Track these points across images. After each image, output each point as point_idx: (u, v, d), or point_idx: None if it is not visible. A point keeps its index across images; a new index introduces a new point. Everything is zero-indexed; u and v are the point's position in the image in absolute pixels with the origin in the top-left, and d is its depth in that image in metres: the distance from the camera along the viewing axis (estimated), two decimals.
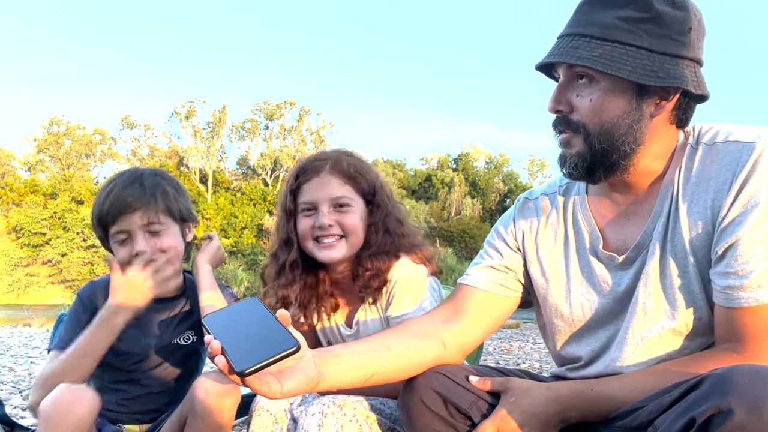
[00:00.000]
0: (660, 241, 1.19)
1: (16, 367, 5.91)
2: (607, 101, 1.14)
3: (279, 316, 1.02)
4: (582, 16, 1.17)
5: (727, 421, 0.83)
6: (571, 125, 1.19)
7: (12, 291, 41.18)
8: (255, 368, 0.94)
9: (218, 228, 46.03)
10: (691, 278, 1.16)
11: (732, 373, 0.87)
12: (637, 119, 1.15)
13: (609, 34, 1.12)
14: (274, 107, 53.43)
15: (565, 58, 1.14)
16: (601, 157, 1.18)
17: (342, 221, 1.61)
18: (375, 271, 1.60)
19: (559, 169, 1.27)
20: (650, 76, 1.10)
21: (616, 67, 1.10)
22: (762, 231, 1.05)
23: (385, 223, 1.66)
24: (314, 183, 1.63)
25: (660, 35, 1.11)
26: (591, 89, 1.16)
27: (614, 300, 1.26)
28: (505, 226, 1.44)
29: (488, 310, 1.38)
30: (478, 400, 1.24)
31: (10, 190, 43.64)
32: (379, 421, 1.45)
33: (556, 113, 1.21)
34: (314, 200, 1.62)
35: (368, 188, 1.67)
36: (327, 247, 1.61)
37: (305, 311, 1.70)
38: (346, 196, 1.63)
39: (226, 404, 1.49)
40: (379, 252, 1.62)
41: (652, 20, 1.11)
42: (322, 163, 1.65)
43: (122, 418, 1.76)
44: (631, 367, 1.20)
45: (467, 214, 50.02)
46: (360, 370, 1.20)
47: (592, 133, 1.17)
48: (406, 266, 1.62)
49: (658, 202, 1.21)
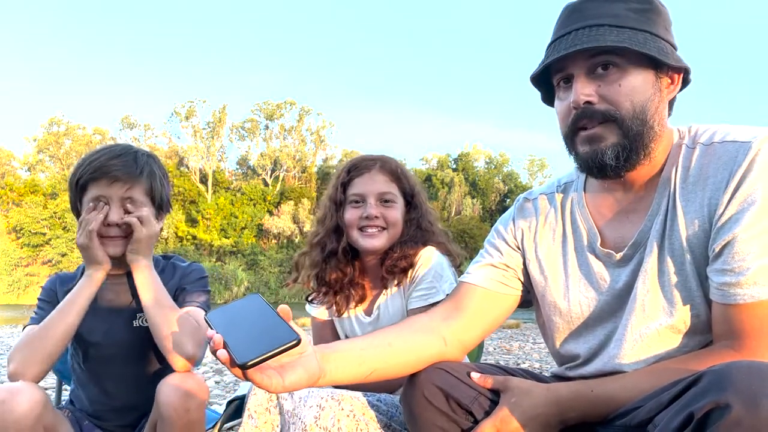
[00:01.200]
0: (658, 238, 1.20)
1: None
2: (636, 84, 1.17)
3: (280, 311, 1.04)
4: (590, 11, 1.19)
5: (724, 416, 0.83)
6: (599, 115, 1.18)
7: (12, 291, 41.24)
8: (256, 361, 0.96)
9: (218, 228, 46.11)
10: (689, 276, 1.16)
11: (730, 369, 0.88)
12: (659, 100, 1.19)
13: (625, 21, 1.17)
14: (274, 107, 53.51)
15: (596, 42, 1.14)
16: (637, 141, 1.18)
17: (386, 214, 1.78)
18: (403, 253, 1.74)
19: (583, 169, 1.24)
20: (669, 57, 1.16)
21: (647, 47, 1.14)
22: (758, 228, 1.06)
23: (418, 221, 1.83)
24: (365, 178, 1.81)
25: (659, 24, 1.19)
26: (616, 75, 1.17)
27: (612, 297, 1.27)
28: (505, 225, 1.46)
29: (488, 308, 1.39)
30: (480, 395, 1.24)
31: (10, 190, 43.72)
32: (376, 417, 1.47)
33: (585, 105, 1.18)
34: (363, 193, 1.79)
35: (409, 190, 1.85)
36: (370, 236, 1.77)
37: (337, 296, 1.84)
38: (391, 192, 1.80)
39: (192, 405, 1.47)
40: (409, 240, 1.78)
41: (653, 10, 1.19)
42: (373, 162, 1.83)
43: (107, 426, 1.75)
44: (630, 365, 1.21)
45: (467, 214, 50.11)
46: (361, 365, 1.21)
47: (626, 117, 1.16)
48: (431, 251, 1.76)
49: (656, 200, 1.22)
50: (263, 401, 1.52)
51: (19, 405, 1.38)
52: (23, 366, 1.52)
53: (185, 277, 1.78)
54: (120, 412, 1.75)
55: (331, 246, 1.82)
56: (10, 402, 1.38)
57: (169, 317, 1.57)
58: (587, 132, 1.19)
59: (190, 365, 1.56)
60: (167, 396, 1.46)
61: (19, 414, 1.37)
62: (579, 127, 1.20)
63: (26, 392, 1.41)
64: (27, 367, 1.52)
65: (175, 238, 44.21)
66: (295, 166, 53.09)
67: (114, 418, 1.75)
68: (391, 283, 1.77)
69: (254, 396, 1.53)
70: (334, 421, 1.39)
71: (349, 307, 1.85)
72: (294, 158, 53.09)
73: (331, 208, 1.84)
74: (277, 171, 52.73)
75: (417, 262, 1.74)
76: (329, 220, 1.84)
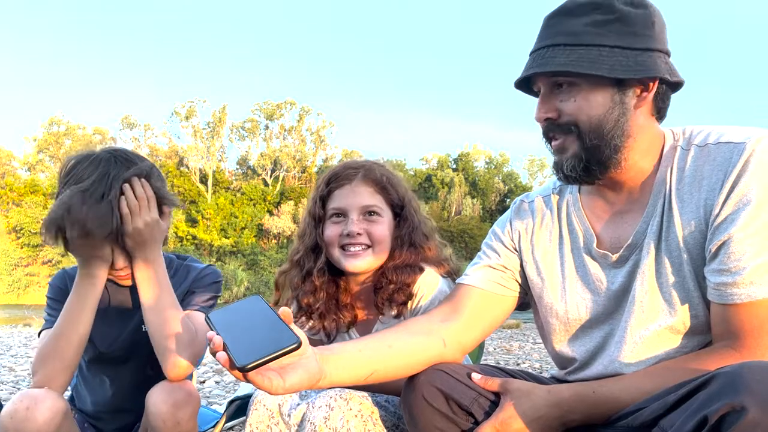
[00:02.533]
0: (654, 239, 1.21)
1: (16, 367, 5.92)
2: (591, 99, 1.19)
3: (281, 313, 1.04)
4: (550, 29, 1.22)
5: (740, 419, 0.83)
6: (561, 128, 1.23)
7: (12, 291, 41.18)
8: (255, 364, 0.96)
9: (218, 228, 46.07)
10: (686, 276, 1.17)
11: (743, 371, 0.88)
12: (622, 112, 1.19)
13: (581, 39, 1.17)
14: (274, 107, 53.45)
15: (544, 68, 1.19)
16: (595, 153, 1.21)
17: (370, 230, 1.60)
18: (399, 284, 1.58)
19: (556, 177, 1.30)
20: (627, 70, 1.16)
21: (594, 67, 1.15)
22: (754, 228, 1.07)
23: (411, 237, 1.64)
24: (345, 190, 1.63)
25: (628, 33, 1.17)
26: (573, 93, 1.20)
27: (608, 298, 1.27)
28: (502, 227, 1.47)
29: (486, 309, 1.39)
30: (480, 396, 1.25)
31: (10, 190, 43.64)
32: (384, 416, 1.46)
33: (545, 121, 1.25)
34: (344, 207, 1.62)
35: (398, 200, 1.67)
36: (353, 256, 1.60)
37: (324, 320, 1.66)
38: (376, 205, 1.63)
39: (182, 416, 1.45)
40: (404, 265, 1.60)
41: (618, 20, 1.17)
42: (355, 171, 1.65)
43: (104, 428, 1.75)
44: (630, 366, 1.22)
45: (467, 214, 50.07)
46: (361, 367, 1.22)
47: (583, 129, 1.21)
48: (431, 277, 1.61)
49: (651, 201, 1.23)
50: (264, 418, 1.47)
51: (42, 414, 1.39)
52: (48, 379, 1.50)
53: (198, 281, 1.73)
54: (119, 414, 1.75)
55: (308, 266, 1.66)
56: (33, 410, 1.38)
57: (167, 322, 1.53)
58: (555, 143, 1.26)
59: (185, 374, 1.54)
60: (157, 407, 1.45)
61: (41, 423, 1.38)
62: (549, 137, 1.26)
63: (49, 400, 1.42)
64: (52, 379, 1.51)
65: (175, 238, 44.14)
66: (295, 166, 53.04)
67: (112, 420, 1.75)
68: (389, 311, 1.62)
69: (255, 411, 1.48)
70: (343, 422, 1.38)
71: (340, 330, 1.70)
72: (294, 158, 53.03)
73: (310, 224, 1.67)
74: (277, 171, 52.64)
75: (417, 292, 1.58)
76: (308, 237, 1.67)
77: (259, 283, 40.42)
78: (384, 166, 1.72)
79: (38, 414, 1.38)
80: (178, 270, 1.75)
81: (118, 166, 1.54)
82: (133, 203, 1.53)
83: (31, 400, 1.40)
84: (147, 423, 1.48)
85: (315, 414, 1.40)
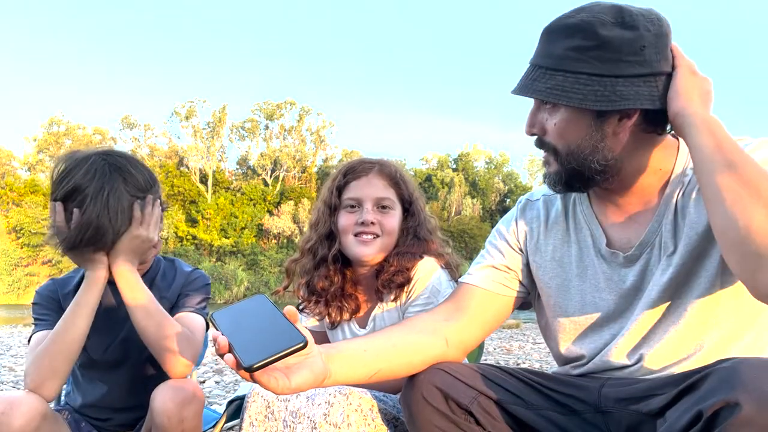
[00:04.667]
0: (665, 239, 1.21)
1: (16, 367, 5.92)
2: (567, 126, 1.19)
3: (286, 312, 1.03)
4: (540, 47, 1.21)
5: (734, 415, 0.83)
6: (545, 146, 1.25)
7: (12, 291, 41.18)
8: (262, 363, 0.95)
9: (218, 228, 46.09)
10: (699, 274, 1.18)
11: (739, 366, 0.88)
12: (600, 139, 1.18)
13: (560, 64, 1.15)
14: (274, 107, 53.50)
15: (524, 92, 1.20)
16: (575, 175, 1.23)
17: (382, 221, 1.70)
18: (400, 267, 1.66)
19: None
20: (602, 101, 1.12)
21: (567, 97, 1.14)
22: None
23: (416, 230, 1.75)
24: (362, 182, 1.73)
25: (610, 59, 1.12)
26: (554, 114, 1.20)
27: (619, 297, 1.27)
28: (507, 226, 1.46)
29: (489, 309, 1.39)
30: (479, 396, 1.24)
31: (10, 190, 43.67)
32: (384, 411, 1.46)
33: (531, 135, 1.26)
34: (360, 197, 1.72)
35: (408, 196, 1.77)
36: (364, 243, 1.68)
37: (329, 308, 1.75)
38: (389, 198, 1.72)
39: (186, 414, 1.45)
40: (406, 252, 1.69)
41: (600, 47, 1.12)
42: (371, 165, 1.76)
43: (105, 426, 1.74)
44: (640, 364, 1.22)
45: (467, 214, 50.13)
46: (366, 366, 1.22)
47: (560, 153, 1.22)
48: (429, 263, 1.69)
49: (663, 202, 1.23)
50: (262, 408, 1.48)
51: (17, 418, 1.36)
52: (41, 383, 1.47)
53: (188, 284, 1.74)
54: (119, 412, 1.74)
55: (322, 252, 1.74)
56: (9, 414, 1.36)
57: (161, 324, 1.53)
58: (543, 155, 1.28)
59: (186, 372, 1.54)
60: (162, 404, 1.44)
61: (16, 428, 1.35)
62: (539, 148, 1.28)
63: (26, 404, 1.39)
64: (44, 383, 1.48)
65: (175, 238, 44.14)
66: (295, 166, 53.08)
67: (113, 418, 1.75)
68: (387, 297, 1.69)
69: (254, 403, 1.49)
70: (343, 417, 1.39)
71: (343, 319, 1.78)
72: (294, 158, 53.07)
73: (325, 213, 1.75)
74: (277, 171, 52.69)
75: (414, 276, 1.66)
76: (322, 226, 1.75)
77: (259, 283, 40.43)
78: (396, 164, 1.82)
79: (13, 419, 1.35)
80: (166, 271, 1.76)
81: (113, 177, 1.54)
82: (147, 213, 1.57)
83: (6, 405, 1.37)
84: (151, 420, 1.48)
85: (314, 411, 1.40)
